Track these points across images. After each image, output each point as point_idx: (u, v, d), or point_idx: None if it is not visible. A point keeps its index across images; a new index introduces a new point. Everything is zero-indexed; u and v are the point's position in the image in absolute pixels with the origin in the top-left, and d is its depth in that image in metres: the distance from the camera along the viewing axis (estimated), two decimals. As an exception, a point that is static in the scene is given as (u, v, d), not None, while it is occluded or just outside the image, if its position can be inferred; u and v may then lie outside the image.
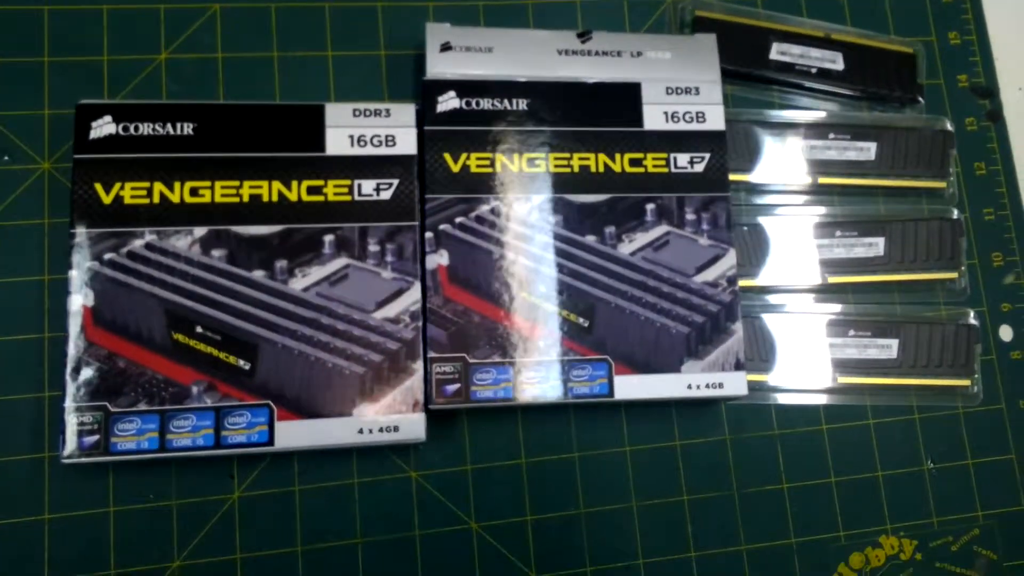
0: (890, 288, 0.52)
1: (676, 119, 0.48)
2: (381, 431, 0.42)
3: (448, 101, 0.46)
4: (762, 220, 0.51)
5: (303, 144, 0.45)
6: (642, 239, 0.46)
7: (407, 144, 0.46)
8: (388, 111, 0.46)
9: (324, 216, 0.44)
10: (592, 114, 0.47)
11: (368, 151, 0.45)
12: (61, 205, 0.46)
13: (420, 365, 0.43)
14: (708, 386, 0.45)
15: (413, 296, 0.44)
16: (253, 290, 0.43)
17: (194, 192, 0.43)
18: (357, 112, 0.45)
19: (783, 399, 0.49)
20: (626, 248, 0.46)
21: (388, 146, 0.45)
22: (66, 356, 0.41)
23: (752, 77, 0.53)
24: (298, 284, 0.43)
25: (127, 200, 0.43)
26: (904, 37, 0.56)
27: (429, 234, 0.45)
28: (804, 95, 0.54)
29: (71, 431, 0.40)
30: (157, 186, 0.43)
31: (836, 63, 0.53)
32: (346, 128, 0.45)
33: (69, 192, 0.45)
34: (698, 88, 0.49)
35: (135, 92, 0.48)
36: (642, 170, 0.47)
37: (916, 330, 0.50)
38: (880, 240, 0.51)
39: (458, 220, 0.45)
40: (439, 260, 0.45)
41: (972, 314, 0.52)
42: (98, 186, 0.43)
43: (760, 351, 0.49)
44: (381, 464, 0.45)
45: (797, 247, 0.50)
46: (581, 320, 0.45)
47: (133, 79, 0.48)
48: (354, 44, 0.50)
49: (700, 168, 0.48)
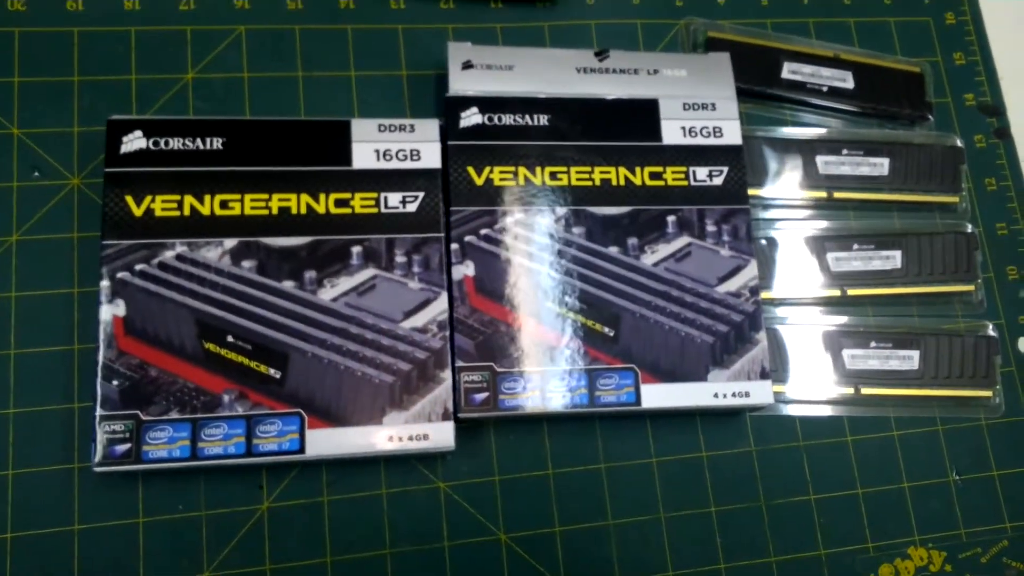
0: (908, 301, 0.53)
1: (694, 134, 0.50)
2: (411, 439, 0.43)
3: (471, 117, 0.48)
4: (780, 234, 0.52)
5: (330, 158, 0.47)
6: (664, 250, 0.48)
7: (432, 158, 0.47)
8: (412, 126, 0.48)
9: (352, 228, 0.46)
10: (612, 129, 0.49)
11: (394, 165, 0.47)
12: (90, 219, 0.47)
13: (448, 374, 0.44)
14: (735, 395, 0.46)
15: (440, 306, 0.45)
16: (283, 300, 0.44)
17: (224, 205, 0.45)
18: (382, 127, 0.47)
19: (807, 411, 0.51)
20: (649, 259, 0.48)
21: (413, 160, 0.47)
22: (97, 365, 0.42)
23: (765, 96, 0.55)
24: (327, 294, 0.45)
25: (158, 213, 0.44)
26: (910, 58, 0.58)
27: (455, 245, 0.46)
28: (816, 113, 0.56)
29: (102, 439, 0.41)
30: (187, 199, 0.45)
31: (846, 82, 0.56)
32: (372, 143, 0.47)
33: (99, 206, 0.47)
34: (714, 104, 0.51)
35: (162, 110, 0.50)
36: (662, 183, 0.49)
37: (936, 342, 0.52)
38: (897, 253, 0.53)
39: (483, 232, 0.47)
40: (465, 271, 0.46)
41: (990, 326, 0.53)
42: (129, 199, 0.44)
43: (782, 363, 0.50)
44: (409, 475, 0.46)
45: (814, 260, 0.52)
46: (606, 330, 0.46)
47: (161, 98, 0.50)
48: (376, 64, 0.52)
49: (719, 181, 0.50)
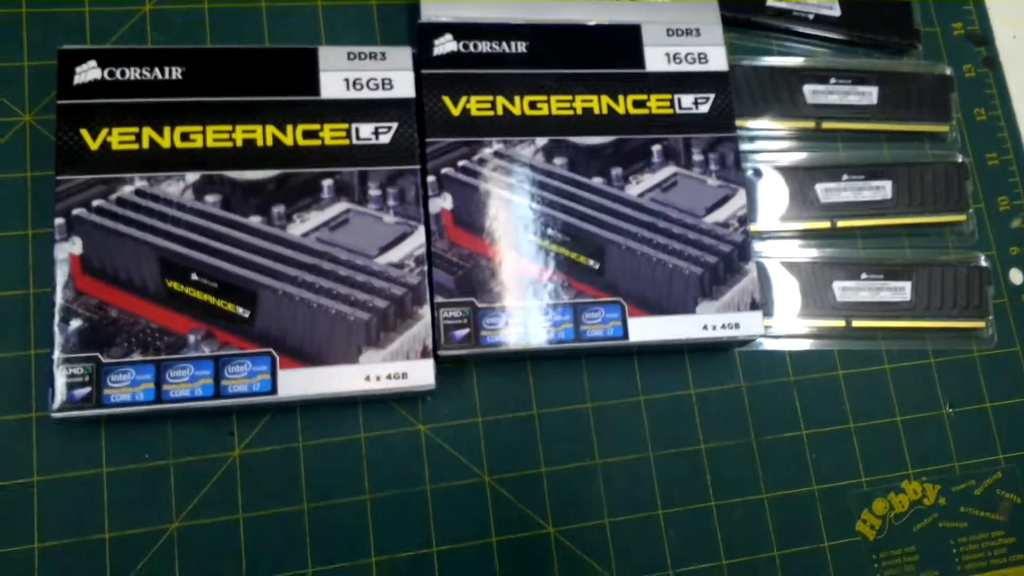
0: (899, 232, 0.52)
1: (678, 60, 0.48)
2: (389, 378, 0.41)
3: (445, 44, 0.46)
4: (766, 165, 0.51)
5: (297, 88, 0.44)
6: (650, 180, 0.46)
7: (405, 87, 0.45)
8: (384, 54, 0.45)
9: (322, 160, 0.43)
10: (593, 56, 0.47)
11: (365, 95, 0.44)
12: (43, 158, 0.44)
13: (427, 311, 0.42)
14: (724, 327, 0.44)
15: (417, 240, 0.43)
16: (250, 236, 0.42)
17: (185, 137, 0.42)
18: (352, 55, 0.45)
19: (797, 345, 0.49)
20: (634, 190, 0.46)
21: (385, 89, 0.45)
22: (54, 307, 0.39)
23: (749, 24, 0.53)
24: (297, 230, 0.42)
25: (115, 146, 0.42)
26: (898, -15, 0.56)
27: (431, 178, 0.44)
28: (802, 42, 0.54)
29: (60, 383, 0.38)
30: (146, 131, 0.42)
31: (833, 9, 0.54)
32: (341, 72, 0.44)
33: (52, 144, 0.44)
34: (698, 29, 0.49)
35: (118, 44, 0.47)
36: (646, 111, 0.47)
37: (928, 272, 0.50)
38: (887, 183, 0.51)
39: (460, 163, 0.44)
40: (442, 204, 0.44)
41: (982, 257, 0.52)
42: (84, 132, 0.42)
43: (771, 296, 0.48)
44: (388, 418, 0.44)
45: (803, 192, 0.50)
46: (591, 262, 0.44)
47: (117, 31, 0.47)
48: (346, -6, 0.50)
49: (705, 108, 0.47)
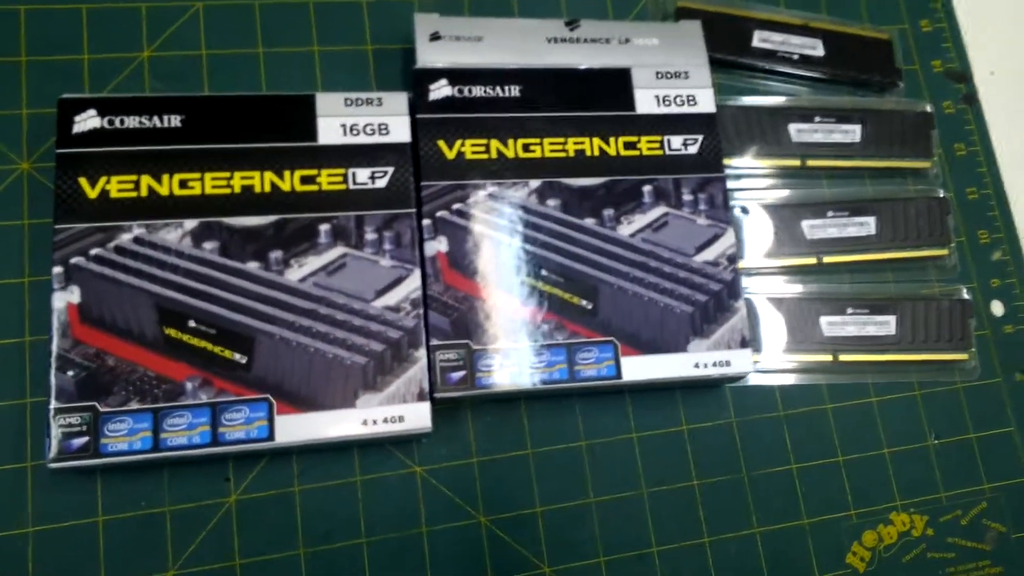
0: (883, 267, 0.52)
1: (668, 102, 0.48)
2: (386, 422, 0.41)
3: (440, 89, 0.46)
4: (753, 203, 0.51)
5: (295, 134, 0.44)
6: (641, 220, 0.46)
7: (401, 132, 0.45)
8: (380, 100, 0.46)
9: (319, 205, 0.43)
10: (585, 99, 0.47)
11: (361, 140, 0.45)
12: (41, 206, 0.44)
13: (423, 353, 0.42)
14: (715, 364, 0.45)
15: (413, 283, 0.43)
16: (247, 282, 0.42)
17: (183, 184, 0.42)
18: (348, 101, 0.45)
19: (785, 380, 0.49)
20: (625, 230, 0.46)
21: (381, 134, 0.45)
22: (51, 356, 0.39)
23: (736, 65, 0.54)
24: (294, 275, 0.42)
25: (113, 194, 0.42)
26: (878, 25, 0.57)
27: (427, 221, 0.44)
28: (787, 81, 0.55)
29: (57, 433, 0.38)
30: (145, 179, 0.42)
31: (816, 49, 0.54)
32: (338, 117, 0.45)
33: (50, 192, 0.44)
34: (687, 72, 0.49)
35: (117, 91, 0.47)
36: (637, 153, 0.47)
37: (912, 306, 0.51)
38: (871, 219, 0.52)
39: (455, 206, 0.45)
40: (438, 247, 0.44)
41: (964, 290, 0.52)
42: (83, 180, 0.42)
43: (760, 332, 0.49)
44: (384, 460, 0.44)
45: (789, 228, 0.51)
46: (584, 303, 0.45)
47: (115, 78, 0.47)
48: (340, 39, 0.50)
49: (694, 149, 0.48)
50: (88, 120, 0.42)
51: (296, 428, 0.40)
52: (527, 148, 0.46)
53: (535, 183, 0.46)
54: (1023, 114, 0.58)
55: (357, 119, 0.45)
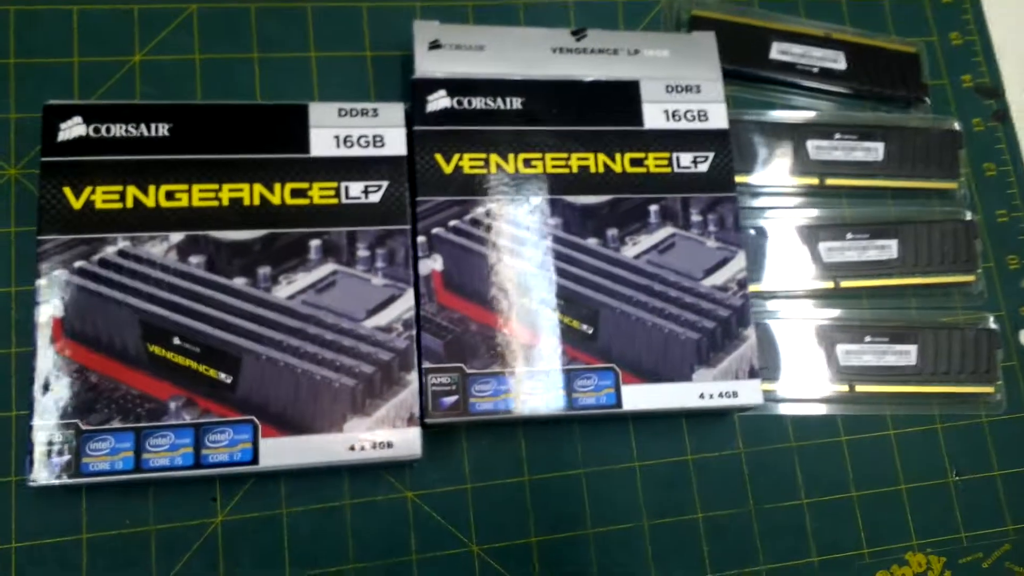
0: (905, 293, 0.51)
1: (677, 117, 0.47)
2: (374, 448, 0.40)
3: (438, 100, 0.45)
4: (769, 223, 0.50)
5: (286, 145, 0.44)
6: (646, 242, 0.45)
7: (396, 145, 0.45)
8: (376, 111, 0.45)
9: (310, 220, 0.43)
10: (590, 113, 0.47)
11: (355, 152, 0.44)
12: (29, 213, 0.44)
13: (415, 376, 0.42)
14: (721, 395, 0.44)
15: (406, 303, 0.43)
16: (234, 299, 0.41)
17: (170, 196, 0.42)
18: (343, 112, 0.45)
19: (798, 409, 0.48)
20: (630, 251, 0.45)
21: (376, 147, 0.44)
22: (33, 371, 0.39)
23: (753, 77, 0.53)
24: (282, 292, 0.42)
25: (99, 205, 0.41)
26: (905, 38, 0.56)
27: (422, 238, 0.44)
28: (807, 95, 0.53)
29: (39, 452, 0.38)
30: (131, 190, 0.42)
31: (838, 62, 0.53)
32: (331, 128, 0.44)
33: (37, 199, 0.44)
34: (699, 86, 0.48)
35: (107, 95, 0.47)
36: (644, 170, 0.46)
37: (935, 336, 0.49)
38: (892, 243, 0.51)
39: (452, 223, 0.44)
40: (433, 265, 0.43)
41: (991, 318, 0.51)
42: (67, 190, 0.41)
43: (773, 359, 0.48)
44: (375, 484, 0.44)
45: (806, 251, 0.50)
46: (584, 327, 0.44)
47: (105, 82, 0.47)
48: (338, 45, 0.50)
49: (704, 168, 0.47)
50: (74, 128, 0.42)
51: (281, 452, 0.40)
52: (528, 163, 0.45)
53: (536, 200, 0.45)
54: (1058, 132, 0.56)
55: (351, 130, 0.44)
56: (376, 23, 0.50)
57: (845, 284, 0.50)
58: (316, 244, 0.43)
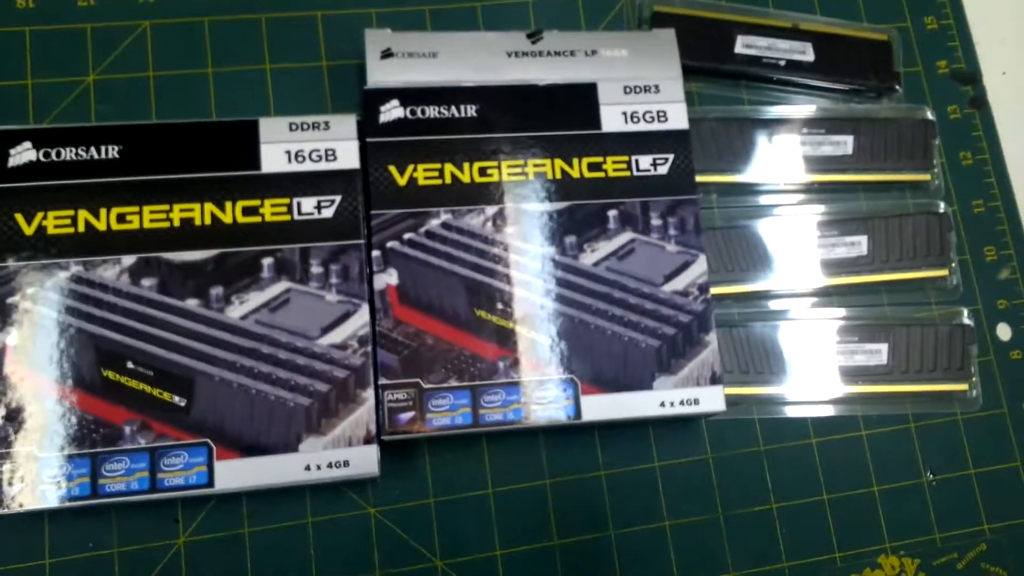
0: (876, 289, 0.51)
1: (636, 119, 0.47)
2: (330, 467, 0.41)
3: (391, 111, 0.46)
4: (735, 223, 0.50)
5: (237, 163, 0.44)
6: (605, 248, 0.46)
7: (349, 158, 0.45)
8: (327, 124, 0.45)
9: (262, 238, 0.43)
10: (546, 118, 0.47)
11: (307, 167, 0.45)
12: (-17, 239, 0.45)
13: (371, 393, 0.42)
14: (683, 403, 0.44)
15: (361, 319, 0.43)
16: (187, 320, 0.42)
17: (121, 218, 0.43)
18: (294, 126, 0.45)
19: (767, 412, 0.48)
20: (589, 258, 0.45)
21: (328, 161, 0.45)
22: (-12, 400, 0.40)
23: (717, 72, 0.52)
24: (235, 312, 0.42)
25: (50, 230, 0.42)
26: (877, 24, 0.55)
27: (376, 252, 0.44)
28: (774, 89, 0.53)
29: (-7, 481, 0.39)
30: (82, 213, 0.42)
31: (806, 54, 0.53)
32: (283, 143, 0.45)
33: (-10, 225, 0.45)
34: (658, 86, 0.48)
35: (63, 116, 0.47)
36: (602, 175, 0.46)
37: (907, 333, 0.49)
38: (863, 239, 0.50)
39: (407, 236, 0.44)
40: (388, 280, 0.44)
41: (966, 313, 0.51)
42: (19, 217, 0.42)
43: (739, 362, 0.48)
44: (336, 501, 0.44)
45: (772, 250, 0.50)
46: (543, 338, 0.44)
47: (60, 103, 0.47)
48: (294, 56, 0.50)
49: (664, 170, 0.47)
50: (23, 153, 0.43)
51: (236, 474, 0.41)
52: (484, 172, 0.45)
53: (491, 210, 0.45)
54: (1038, 117, 0.56)
55: (303, 145, 0.45)
56: (331, 32, 0.50)
57: (813, 284, 0.50)
58: (269, 262, 0.43)
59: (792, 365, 0.48)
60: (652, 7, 0.52)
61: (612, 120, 0.47)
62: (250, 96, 0.49)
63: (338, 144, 0.45)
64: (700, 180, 0.49)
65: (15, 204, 0.42)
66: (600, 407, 0.43)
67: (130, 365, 0.41)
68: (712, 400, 0.44)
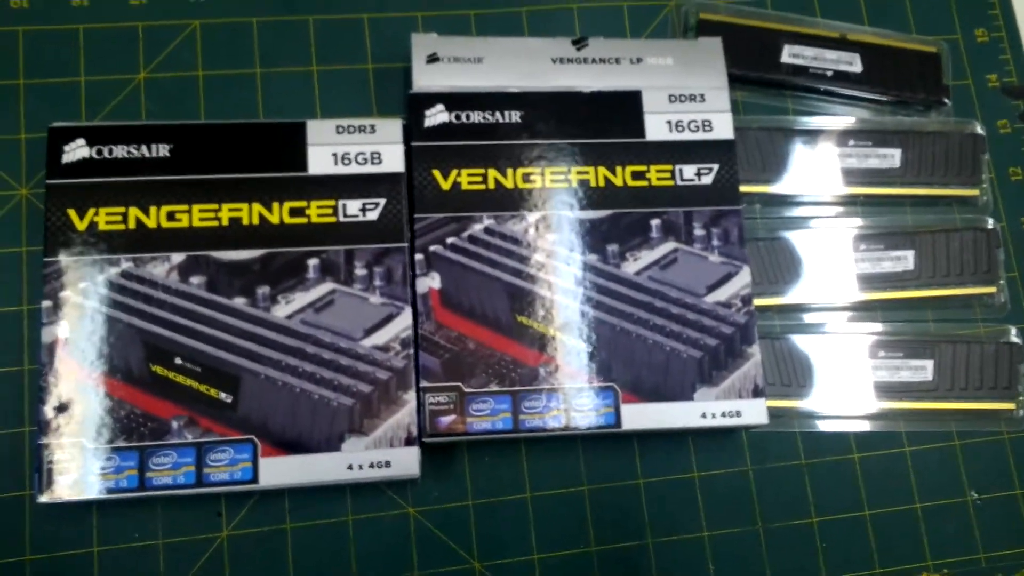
0: (922, 305, 0.51)
1: (681, 128, 0.48)
2: (372, 467, 0.42)
3: (436, 115, 0.47)
4: (778, 234, 0.50)
5: (284, 164, 0.45)
6: (648, 257, 0.46)
7: (394, 161, 0.46)
8: (373, 127, 0.47)
9: (308, 239, 0.45)
10: (590, 125, 0.48)
11: (353, 169, 0.46)
12: (40, 232, 0.47)
13: (412, 396, 0.43)
14: (724, 415, 0.45)
15: (403, 322, 0.44)
16: (234, 318, 0.43)
17: (171, 216, 0.44)
18: (340, 129, 0.46)
19: (808, 426, 0.49)
20: (631, 267, 0.46)
21: (374, 164, 0.46)
22: (41, 391, 0.41)
23: (763, 82, 0.53)
24: (281, 311, 0.44)
25: (102, 227, 0.44)
26: (926, 36, 0.56)
27: (419, 256, 0.45)
28: (820, 100, 0.54)
29: (47, 469, 0.41)
30: (132, 211, 0.44)
31: (854, 65, 0.53)
32: (329, 146, 0.46)
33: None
34: (703, 95, 0.49)
35: (113, 113, 0.49)
36: (646, 183, 0.47)
37: (952, 350, 0.50)
38: (909, 253, 0.51)
39: (450, 240, 0.45)
40: (430, 283, 0.45)
41: (1014, 331, 0.51)
42: (72, 212, 0.44)
43: (782, 375, 0.48)
44: (377, 500, 0.45)
45: (819, 262, 0.50)
46: (583, 345, 0.45)
47: (111, 100, 0.49)
48: (340, 58, 0.51)
49: (708, 180, 0.48)
50: (77, 149, 0.44)
51: (280, 471, 0.42)
52: (527, 178, 0.47)
53: (533, 216, 0.46)
54: (1091, 133, 0.56)
55: (349, 147, 0.46)
56: (377, 35, 0.52)
57: (857, 298, 0.50)
58: (314, 263, 0.44)
59: (834, 379, 0.49)
60: (697, 15, 0.53)
61: (656, 128, 0.48)
62: (296, 97, 0.50)
63: (384, 147, 0.46)
64: (744, 190, 0.50)
65: (68, 200, 0.44)
66: (640, 416, 0.44)
67: (178, 361, 0.43)
68: (754, 413, 0.45)
